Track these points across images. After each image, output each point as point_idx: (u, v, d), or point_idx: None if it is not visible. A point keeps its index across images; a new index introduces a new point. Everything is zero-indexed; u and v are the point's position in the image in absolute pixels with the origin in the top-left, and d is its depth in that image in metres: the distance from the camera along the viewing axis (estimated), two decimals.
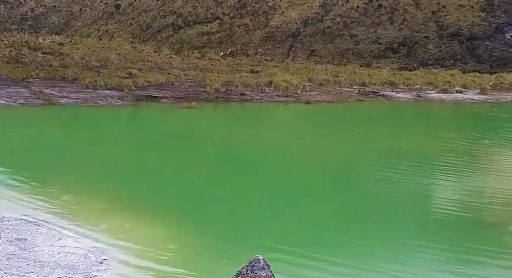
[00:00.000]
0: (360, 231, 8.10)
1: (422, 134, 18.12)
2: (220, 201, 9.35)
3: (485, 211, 9.34)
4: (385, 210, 9.37)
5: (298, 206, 9.19)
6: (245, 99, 23.44)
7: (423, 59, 43.52)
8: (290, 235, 7.76)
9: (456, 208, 9.57)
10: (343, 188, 10.89)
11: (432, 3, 47.44)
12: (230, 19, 49.18)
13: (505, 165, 12.99)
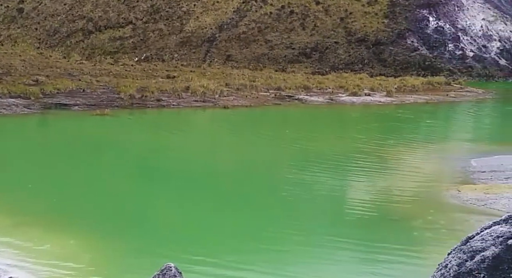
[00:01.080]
0: (276, 236, 8.22)
1: (335, 136, 18.82)
2: (133, 210, 9.10)
3: (392, 208, 9.89)
4: (300, 213, 9.61)
5: (214, 213, 9.16)
6: (161, 105, 23.03)
7: (334, 63, 45.45)
8: (205, 243, 7.70)
9: (366, 207, 10.06)
10: (258, 192, 11.03)
11: (340, 10, 49.74)
12: (143, 24, 48.14)
13: (409, 164, 13.85)
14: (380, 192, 11.11)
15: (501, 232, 1.84)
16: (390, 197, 10.74)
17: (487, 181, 10.97)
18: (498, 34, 54.38)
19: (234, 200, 10.41)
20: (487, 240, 1.82)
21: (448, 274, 1.81)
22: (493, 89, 37.36)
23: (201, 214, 9.21)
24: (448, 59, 48.38)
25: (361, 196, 10.88)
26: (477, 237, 1.88)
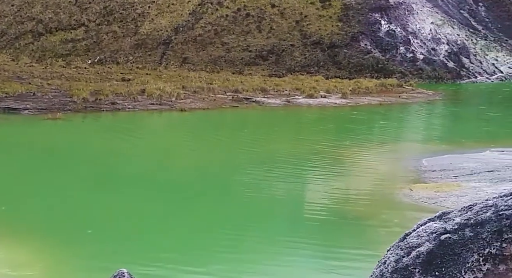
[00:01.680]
0: (233, 238, 8.22)
1: (292, 138, 19.03)
2: (86, 216, 8.88)
3: (348, 208, 10.10)
4: (257, 215, 9.66)
5: (170, 217, 9.06)
6: (116, 108, 22.59)
7: (291, 66, 45.97)
8: (161, 246, 7.61)
9: (323, 208, 10.23)
10: (215, 195, 11.00)
11: (295, 13, 50.39)
12: (96, 26, 47.05)
13: (364, 164, 14.18)
14: (336, 192, 11.32)
15: (435, 228, 1.93)
16: (346, 197, 10.96)
17: (438, 180, 11.37)
18: (446, 37, 56.63)
19: (190, 204, 10.34)
20: (422, 236, 1.91)
21: (386, 270, 1.87)
22: (442, 91, 38.81)
23: (156, 218, 9.10)
24: (400, 61, 49.91)
25: (318, 197, 11.04)
26: (414, 233, 1.96)
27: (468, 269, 1.79)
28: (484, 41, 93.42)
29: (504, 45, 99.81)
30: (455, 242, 1.79)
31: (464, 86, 47.08)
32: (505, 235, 1.80)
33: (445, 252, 1.83)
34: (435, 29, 56.56)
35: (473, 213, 1.89)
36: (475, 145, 16.08)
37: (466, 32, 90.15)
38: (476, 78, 52.05)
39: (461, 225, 1.85)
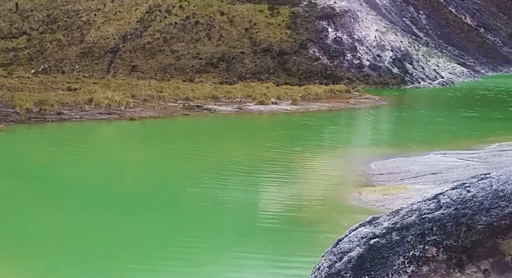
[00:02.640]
0: (186, 246, 8.15)
1: (245, 145, 19.08)
2: (28, 232, 8.54)
3: (300, 213, 10.23)
4: (210, 223, 9.61)
5: (119, 232, 8.83)
6: (63, 118, 21.90)
7: (241, 73, 46.19)
8: (109, 265, 7.41)
9: (276, 214, 10.33)
10: (168, 207, 10.83)
11: (244, 20, 50.76)
12: (39, 35, 45.49)
13: (315, 169, 14.44)
14: (289, 199, 11.44)
15: (365, 233, 2.01)
16: (299, 204, 11.10)
17: (385, 183, 11.73)
18: (390, 44, 58.68)
19: (141, 216, 10.15)
20: (353, 241, 1.98)
21: (320, 275, 1.93)
22: (387, 96, 40.14)
23: (104, 231, 8.87)
24: (347, 68, 51.25)
25: (271, 205, 11.13)
26: (346, 238, 2.04)
27: (395, 271, 1.87)
28: (425, 48, 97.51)
29: (444, 51, 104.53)
30: (383, 246, 1.88)
31: (408, 91, 48.88)
32: (427, 237, 1.90)
33: (374, 256, 1.91)
34: (379, 36, 58.52)
35: (400, 217, 2.00)
36: (420, 148, 16.73)
37: (408, 39, 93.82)
38: (419, 83, 54.20)
39: (388, 229, 1.95)
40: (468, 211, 2.02)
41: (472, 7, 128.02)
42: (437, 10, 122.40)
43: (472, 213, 2.02)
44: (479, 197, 2.06)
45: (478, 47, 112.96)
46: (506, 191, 2.07)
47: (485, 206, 2.05)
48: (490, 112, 30.47)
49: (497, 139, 17.76)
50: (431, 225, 1.93)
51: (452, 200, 2.06)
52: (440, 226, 1.96)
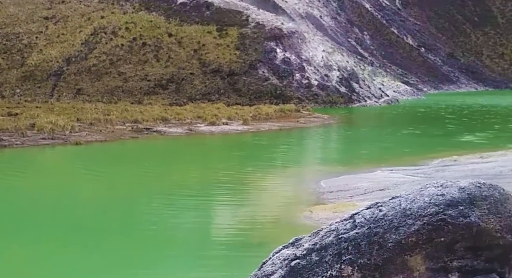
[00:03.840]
0: (140, 268, 7.83)
1: (196, 166, 18.81)
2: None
3: (253, 234, 10.10)
4: (163, 251, 9.30)
5: (66, 262, 8.39)
6: (2, 145, 20.86)
7: (191, 94, 45.96)
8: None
9: (229, 235, 10.14)
10: (118, 234, 10.43)
11: (193, 42, 50.79)
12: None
13: (267, 189, 14.39)
14: (241, 219, 11.30)
15: (287, 255, 2.00)
16: (251, 224, 10.98)
17: (335, 200, 11.81)
18: (337, 64, 60.37)
19: (89, 243, 9.68)
20: (276, 264, 1.98)
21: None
22: (336, 115, 41.04)
23: (50, 261, 8.37)
24: (296, 87, 52.13)
25: (222, 226, 10.94)
26: (269, 261, 2.03)
27: None
28: (371, 67, 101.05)
29: (389, 70, 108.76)
30: (303, 267, 1.87)
31: (355, 110, 50.22)
32: (343, 256, 1.90)
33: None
34: (326, 56, 60.10)
35: (319, 237, 1.99)
36: (368, 165, 17.05)
37: (354, 59, 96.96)
38: (366, 102, 55.88)
39: (308, 250, 1.94)
40: (380, 229, 2.06)
41: (413, 28, 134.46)
42: (380, 31, 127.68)
43: (383, 232, 2.06)
44: (390, 216, 2.12)
45: (420, 66, 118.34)
46: (412, 210, 2.15)
47: (395, 224, 2.10)
48: (430, 129, 31.73)
49: (439, 155, 18.41)
50: (347, 245, 1.95)
51: (365, 219, 2.10)
52: (354, 245, 1.99)
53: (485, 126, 32.90)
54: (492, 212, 2.29)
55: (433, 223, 2.14)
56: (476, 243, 2.25)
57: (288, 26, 59.18)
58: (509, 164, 14.08)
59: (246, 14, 58.30)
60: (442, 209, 2.21)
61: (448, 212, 2.20)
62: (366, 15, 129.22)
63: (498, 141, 24.30)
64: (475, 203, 2.29)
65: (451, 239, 2.19)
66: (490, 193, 2.37)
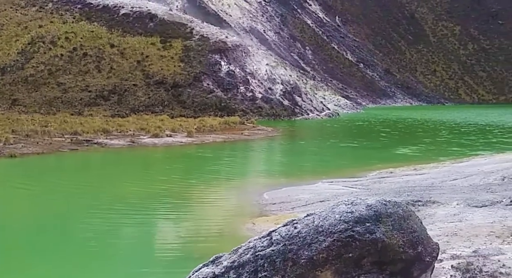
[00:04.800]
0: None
1: (138, 179, 18.51)
2: None
3: (195, 247, 10.10)
4: (103, 269, 9.12)
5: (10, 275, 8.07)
6: None
7: (134, 106, 45.19)
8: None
9: (172, 249, 10.08)
10: (55, 251, 10.10)
11: (136, 53, 50.11)
12: None
13: (210, 202, 14.42)
14: (184, 232, 11.27)
15: (206, 273, 2.07)
16: (194, 237, 10.96)
17: (277, 212, 12.05)
18: (280, 77, 61.51)
19: (24, 261, 9.33)
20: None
21: None
22: (279, 127, 41.73)
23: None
24: (241, 100, 52.58)
25: (164, 240, 10.86)
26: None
27: None
28: (313, 81, 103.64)
29: (330, 85, 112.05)
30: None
31: (298, 123, 51.27)
32: (259, 274, 2.00)
33: None
34: (270, 70, 61.13)
35: (238, 255, 2.08)
36: (310, 177, 17.50)
37: (297, 73, 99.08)
38: (308, 115, 57.23)
39: (227, 268, 2.01)
40: (294, 246, 2.18)
41: (352, 44, 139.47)
42: (322, 46, 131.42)
43: (297, 248, 2.18)
44: (303, 233, 2.26)
45: (359, 81, 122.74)
46: (324, 227, 2.30)
47: (308, 241, 2.24)
48: (368, 142, 33.01)
49: (377, 167, 19.21)
50: (263, 262, 2.02)
51: (281, 236, 2.22)
52: (270, 262, 2.07)
53: (417, 140, 34.62)
54: (396, 228, 2.47)
55: (342, 239, 2.27)
56: (381, 258, 2.41)
57: (232, 39, 59.75)
58: (440, 176, 14.97)
59: (190, 26, 58.33)
60: (351, 226, 2.36)
61: (356, 228, 2.36)
62: (308, 31, 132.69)
63: (430, 153, 25.67)
64: (380, 219, 2.47)
65: (358, 254, 2.33)
66: (394, 210, 2.56)
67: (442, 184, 12.91)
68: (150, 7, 62.00)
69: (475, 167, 15.86)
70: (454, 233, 6.14)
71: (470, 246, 5.49)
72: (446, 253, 5.31)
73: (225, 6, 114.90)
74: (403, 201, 9.15)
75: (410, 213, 2.61)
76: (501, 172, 13.52)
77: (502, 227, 6.19)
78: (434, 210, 8.11)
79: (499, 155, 20.06)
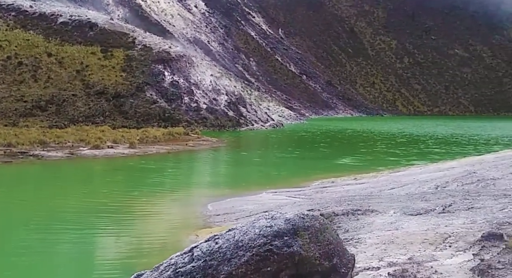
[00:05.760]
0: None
1: (78, 193, 17.90)
2: None
3: (137, 261, 9.88)
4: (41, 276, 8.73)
5: None
6: None
7: (74, 116, 43.71)
8: None
9: (113, 263, 9.80)
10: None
11: (75, 62, 48.63)
12: None
13: (154, 214, 14.16)
14: (127, 247, 10.99)
15: None
16: (136, 251, 10.73)
17: (221, 223, 12.02)
18: (225, 88, 61.68)
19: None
20: None
21: None
22: (224, 138, 41.74)
23: None
24: (185, 111, 52.17)
25: (107, 255, 10.55)
26: None
27: None
28: (257, 92, 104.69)
29: (274, 96, 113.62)
30: None
31: (243, 133, 51.52)
32: None
33: None
34: (214, 80, 61.17)
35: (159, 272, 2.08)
36: (254, 188, 17.62)
37: (241, 84, 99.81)
38: (253, 125, 57.66)
39: None
40: (214, 262, 2.22)
41: (295, 56, 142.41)
42: (265, 58, 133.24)
43: (217, 264, 2.22)
44: (224, 248, 2.30)
45: (302, 92, 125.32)
46: (244, 241, 2.35)
47: (228, 256, 2.28)
48: (309, 152, 33.75)
49: (319, 177, 19.65)
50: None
51: (202, 252, 2.24)
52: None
53: (356, 150, 35.76)
54: (313, 241, 2.57)
55: (261, 253, 2.32)
56: (299, 271, 2.49)
57: (176, 49, 59.34)
58: (378, 185, 15.52)
59: (133, 36, 57.41)
60: (270, 240, 2.42)
61: (275, 242, 2.42)
62: (252, 43, 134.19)
63: (369, 163, 26.57)
64: (298, 233, 2.55)
65: (276, 268, 2.39)
66: (311, 223, 2.65)
67: (381, 193, 13.38)
68: (90, 15, 60.54)
69: (411, 176, 16.58)
70: (391, 241, 6.38)
71: (405, 253, 5.73)
72: (383, 260, 5.51)
73: (168, 17, 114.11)
74: (344, 210, 9.42)
75: (326, 226, 2.72)
76: (435, 181, 14.21)
77: (435, 234, 6.51)
78: (373, 218, 8.39)
79: (433, 164, 21.10)
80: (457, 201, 9.12)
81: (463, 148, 36.34)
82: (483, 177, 13.23)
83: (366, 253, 5.91)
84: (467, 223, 7.04)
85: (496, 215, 7.47)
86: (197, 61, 63.91)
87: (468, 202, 8.95)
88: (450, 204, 8.88)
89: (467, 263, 5.15)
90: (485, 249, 5.52)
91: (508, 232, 6.14)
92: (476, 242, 5.82)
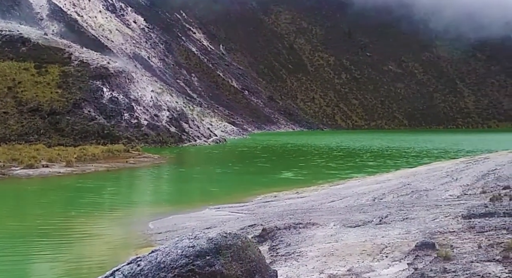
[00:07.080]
0: None
1: (9, 215, 16.97)
2: None
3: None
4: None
5: None
6: None
7: (5, 135, 41.58)
8: None
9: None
10: None
11: (6, 79, 46.47)
12: None
13: (92, 234, 13.66)
14: (62, 271, 10.52)
15: None
16: (75, 274, 10.31)
17: (163, 242, 11.78)
18: (167, 104, 61.00)
19: None
20: None
21: None
22: (166, 155, 41.15)
23: None
24: (125, 127, 51.03)
25: (46, 276, 10.08)
26: None
27: None
28: (199, 108, 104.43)
29: (216, 111, 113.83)
30: None
31: (185, 149, 51.04)
32: None
33: None
34: (155, 96, 60.36)
35: None
36: (197, 204, 17.44)
37: (183, 100, 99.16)
38: (196, 141, 57.28)
39: None
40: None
41: (237, 72, 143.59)
42: (207, 73, 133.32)
43: None
44: (146, 270, 2.30)
45: (244, 108, 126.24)
46: (166, 262, 2.37)
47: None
48: (252, 167, 34.01)
49: (261, 191, 19.78)
50: None
51: (124, 275, 2.23)
52: None
53: (297, 164, 36.40)
54: (235, 259, 2.61)
55: (183, 274, 2.34)
56: None
57: (114, 65, 58.16)
58: (319, 198, 15.83)
59: (69, 52, 55.74)
60: (192, 260, 2.44)
61: (197, 262, 2.44)
62: (193, 58, 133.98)
63: (310, 177, 27.09)
64: (220, 252, 2.59)
65: None
66: (234, 242, 2.70)
67: (321, 206, 13.66)
68: (22, 30, 58.27)
69: (350, 189, 17.05)
70: (331, 253, 6.52)
71: (345, 265, 5.87)
72: (324, 273, 5.62)
73: (106, 32, 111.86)
74: (286, 224, 9.53)
75: (249, 243, 2.77)
76: (372, 193, 14.69)
77: (373, 245, 6.72)
78: (314, 231, 8.54)
79: (371, 177, 21.82)
80: (393, 212, 9.48)
81: (396, 161, 37.89)
82: (417, 189, 13.85)
83: (307, 266, 6.00)
84: (402, 233, 7.33)
85: (428, 225, 7.83)
86: (137, 77, 62.89)
87: (403, 213, 9.33)
88: (387, 215, 9.21)
89: (402, 273, 5.35)
90: (418, 258, 5.76)
91: (439, 241, 6.45)
92: (411, 252, 6.06)
